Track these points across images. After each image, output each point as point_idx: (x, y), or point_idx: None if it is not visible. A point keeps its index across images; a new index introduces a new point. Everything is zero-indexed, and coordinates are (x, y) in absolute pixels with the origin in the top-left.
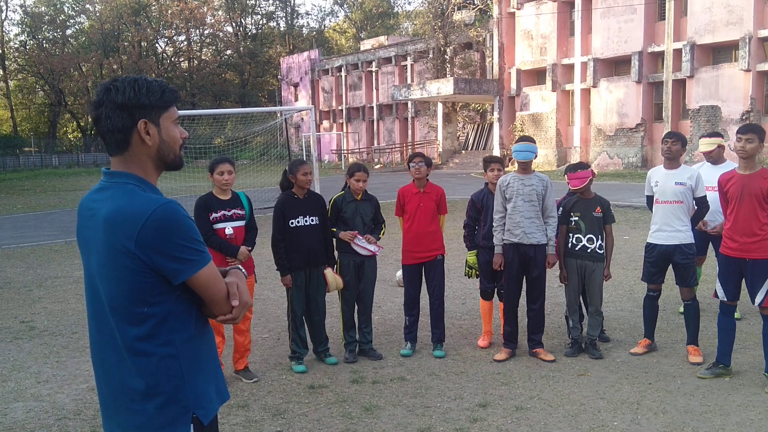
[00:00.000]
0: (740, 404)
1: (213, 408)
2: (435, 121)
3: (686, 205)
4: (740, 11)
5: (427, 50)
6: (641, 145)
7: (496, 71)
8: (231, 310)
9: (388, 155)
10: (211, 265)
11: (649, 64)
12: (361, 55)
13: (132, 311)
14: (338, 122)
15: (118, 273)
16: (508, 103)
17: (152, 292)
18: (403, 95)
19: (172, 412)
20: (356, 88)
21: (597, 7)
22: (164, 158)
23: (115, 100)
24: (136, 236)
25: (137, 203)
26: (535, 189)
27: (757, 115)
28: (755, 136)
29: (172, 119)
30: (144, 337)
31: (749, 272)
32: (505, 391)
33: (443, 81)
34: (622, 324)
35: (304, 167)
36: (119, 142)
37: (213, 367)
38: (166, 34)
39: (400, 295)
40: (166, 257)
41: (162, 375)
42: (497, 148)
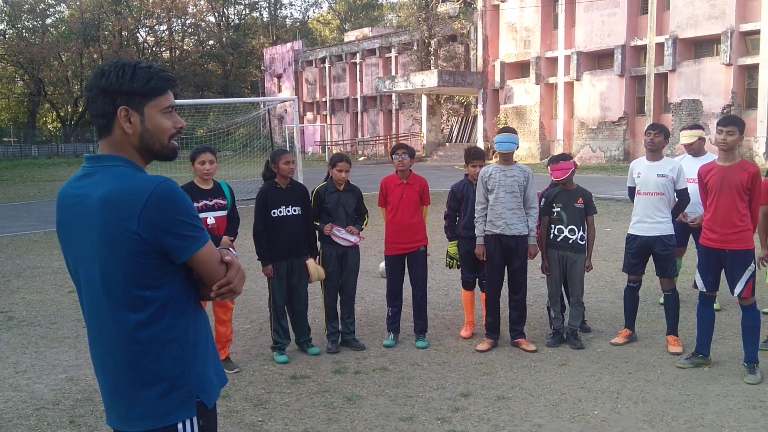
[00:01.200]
0: (719, 394)
1: (215, 392)
2: (419, 114)
3: (668, 197)
4: (722, 5)
5: (412, 42)
6: (623, 138)
7: (480, 64)
8: (225, 274)
9: (372, 147)
10: (210, 244)
11: (631, 58)
12: (345, 46)
13: (133, 296)
14: (322, 114)
15: (117, 256)
16: (492, 96)
17: (154, 274)
18: (387, 87)
19: (176, 398)
20: (340, 80)
21: (580, 1)
22: (149, 148)
23: (99, 85)
24: (138, 216)
25: (135, 182)
26: (517, 180)
27: (738, 109)
28: (736, 128)
29: (161, 108)
30: (146, 323)
31: (728, 263)
32: (487, 380)
33: (427, 73)
34: (603, 315)
35: (285, 156)
36: (103, 126)
37: (211, 350)
38: (147, 23)
39: (382, 286)
40: (170, 235)
41: (165, 360)
42: (481, 140)
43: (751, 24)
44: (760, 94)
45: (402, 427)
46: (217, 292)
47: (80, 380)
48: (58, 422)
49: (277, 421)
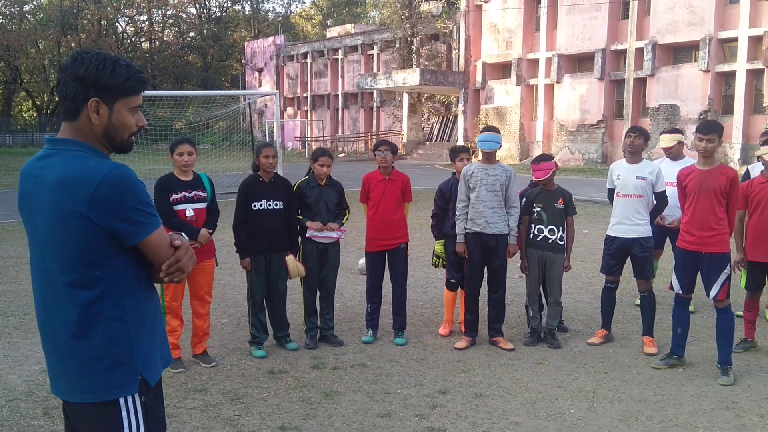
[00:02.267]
0: (693, 394)
1: (158, 370)
2: (400, 112)
3: (646, 199)
4: (702, 12)
5: (394, 40)
6: (602, 141)
7: (462, 64)
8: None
9: (353, 144)
10: (161, 229)
11: (611, 62)
12: (328, 42)
13: (84, 275)
14: (303, 109)
15: (69, 237)
16: (473, 96)
17: (104, 254)
18: (369, 84)
19: (120, 374)
20: (322, 76)
21: (562, 4)
22: (110, 139)
23: (76, 71)
24: (89, 199)
25: (88, 167)
26: (499, 179)
27: (715, 115)
28: (716, 135)
29: (130, 106)
30: (95, 300)
31: (705, 266)
32: (464, 378)
33: (409, 71)
34: (580, 315)
35: (266, 150)
36: (69, 111)
37: (159, 331)
38: (127, 13)
39: (361, 283)
40: (119, 219)
41: (111, 337)
42: (461, 140)
43: (729, 31)
44: (737, 100)
45: (380, 423)
46: (166, 272)
47: None
48: (31, 413)
49: (254, 415)
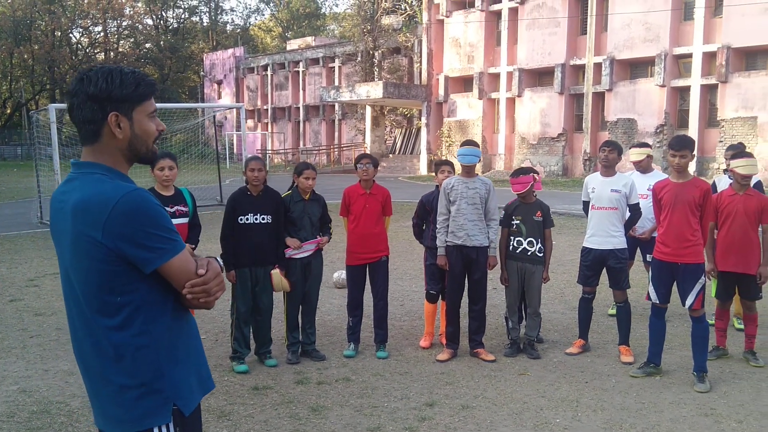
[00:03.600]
0: (672, 401)
1: (194, 398)
2: (363, 124)
3: (620, 211)
4: (657, 29)
5: (356, 53)
6: (562, 154)
7: (424, 77)
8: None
9: (315, 157)
10: (183, 254)
11: (571, 77)
12: (288, 54)
13: (104, 301)
14: (263, 122)
15: (87, 263)
16: (436, 109)
17: (123, 280)
18: (331, 97)
19: (151, 402)
20: (282, 88)
21: (523, 19)
22: (136, 151)
23: (86, 91)
24: (102, 225)
25: (104, 191)
26: (479, 192)
27: (671, 129)
28: (688, 151)
29: (147, 112)
30: (118, 328)
31: (680, 276)
32: (450, 390)
33: (372, 84)
34: (556, 325)
35: (252, 163)
36: (90, 133)
37: (194, 357)
38: (82, 24)
39: (338, 297)
40: (134, 246)
41: (139, 365)
42: (424, 153)
43: (683, 48)
44: (691, 114)
45: None
46: (190, 290)
47: (33, 392)
48: None
49: None
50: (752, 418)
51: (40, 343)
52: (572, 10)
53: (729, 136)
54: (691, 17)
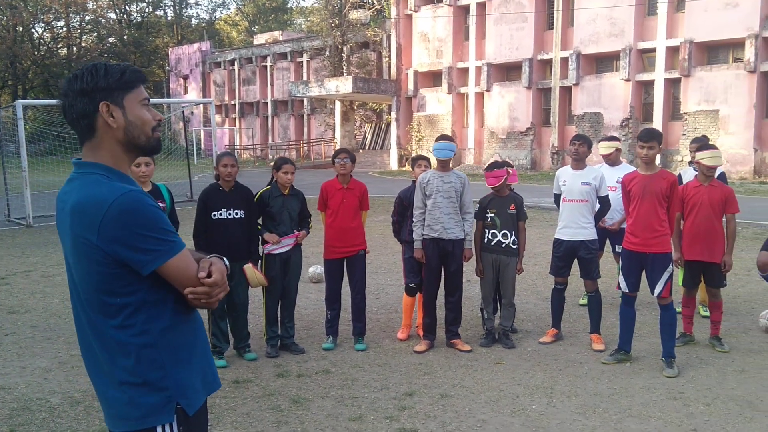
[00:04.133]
0: (642, 387)
1: (198, 398)
2: (332, 119)
3: (591, 203)
4: (622, 24)
5: (324, 48)
6: (531, 147)
7: (393, 72)
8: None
9: (285, 152)
10: (182, 255)
11: (538, 71)
12: (256, 49)
13: (104, 302)
14: (231, 117)
15: (86, 265)
16: (406, 104)
17: (121, 282)
18: (300, 92)
19: (154, 401)
20: (250, 83)
21: (490, 14)
22: (134, 141)
23: (75, 88)
24: (97, 228)
25: (99, 193)
26: (454, 186)
27: (636, 123)
28: (656, 142)
29: (139, 100)
30: (119, 327)
31: (649, 265)
32: (428, 380)
33: (342, 79)
34: (529, 315)
35: (224, 159)
36: (85, 128)
37: (199, 356)
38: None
39: (314, 291)
40: (129, 248)
41: (142, 365)
42: (394, 147)
43: (647, 42)
44: (656, 108)
45: (352, 427)
46: (192, 292)
47: (12, 389)
48: None
49: (225, 425)
50: (719, 401)
51: (16, 341)
52: (539, 6)
53: (692, 128)
54: (654, 12)
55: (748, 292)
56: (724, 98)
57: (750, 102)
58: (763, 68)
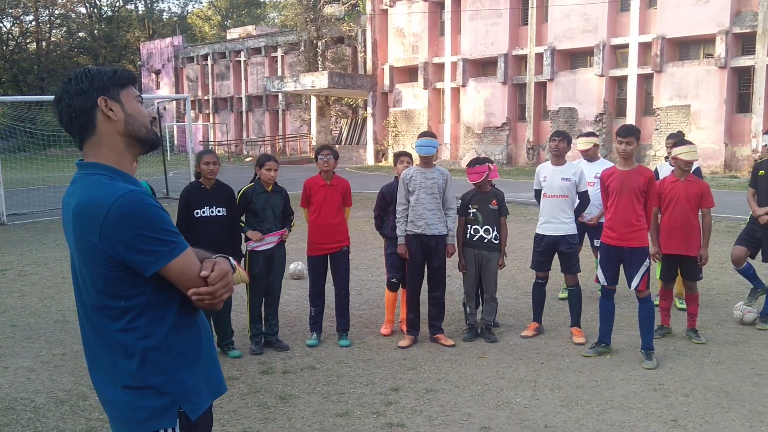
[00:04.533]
0: (623, 378)
1: (202, 403)
2: (307, 115)
3: (571, 199)
4: (595, 20)
5: (299, 42)
6: (507, 143)
7: (369, 67)
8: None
9: (260, 148)
10: (184, 255)
11: (513, 67)
12: (229, 44)
13: (107, 305)
14: (204, 112)
15: (90, 268)
16: (382, 99)
17: (125, 285)
18: (276, 87)
19: (156, 405)
20: (224, 78)
21: (465, 10)
22: (135, 134)
23: (70, 90)
24: (99, 230)
25: (100, 194)
26: (437, 182)
27: (609, 118)
28: (634, 138)
29: (133, 96)
30: (123, 330)
31: (627, 259)
32: (413, 375)
33: (318, 74)
34: (510, 310)
35: (206, 156)
36: (84, 125)
37: (204, 360)
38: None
39: (296, 287)
40: (131, 249)
41: (146, 368)
42: (371, 143)
43: (620, 38)
44: (629, 103)
45: (339, 423)
46: (195, 293)
47: None
48: None
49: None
50: (697, 391)
51: None
52: (513, 2)
53: (664, 123)
54: (627, 8)
55: (722, 285)
56: (695, 93)
57: (721, 97)
58: (733, 64)
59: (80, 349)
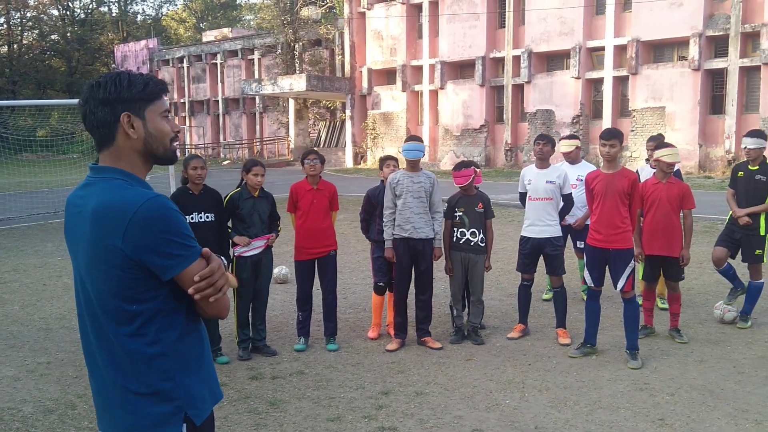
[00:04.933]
0: (609, 378)
1: (206, 408)
2: (285, 117)
3: (555, 201)
4: (572, 23)
5: (276, 45)
6: (485, 145)
7: (347, 69)
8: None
9: (238, 151)
10: (200, 261)
11: (491, 69)
12: (205, 46)
13: (121, 309)
14: (180, 116)
15: (105, 270)
16: (360, 102)
17: (140, 289)
18: (253, 90)
19: (163, 411)
20: (200, 81)
21: (443, 13)
22: (153, 152)
23: (97, 96)
24: (123, 232)
25: (125, 197)
26: (423, 186)
27: (586, 120)
28: (617, 141)
29: (160, 111)
30: (132, 335)
31: (612, 261)
32: (402, 378)
33: (296, 77)
34: (495, 312)
35: (193, 162)
36: (104, 136)
37: (205, 367)
38: None
39: (281, 292)
40: (154, 253)
41: (153, 374)
42: (349, 145)
43: (596, 41)
44: (605, 105)
45: (331, 428)
46: (196, 287)
47: None
48: None
49: None
50: (683, 390)
51: None
52: (491, 5)
53: (640, 125)
54: (602, 12)
55: (702, 284)
56: (670, 95)
57: (695, 99)
58: (706, 66)
59: (65, 357)
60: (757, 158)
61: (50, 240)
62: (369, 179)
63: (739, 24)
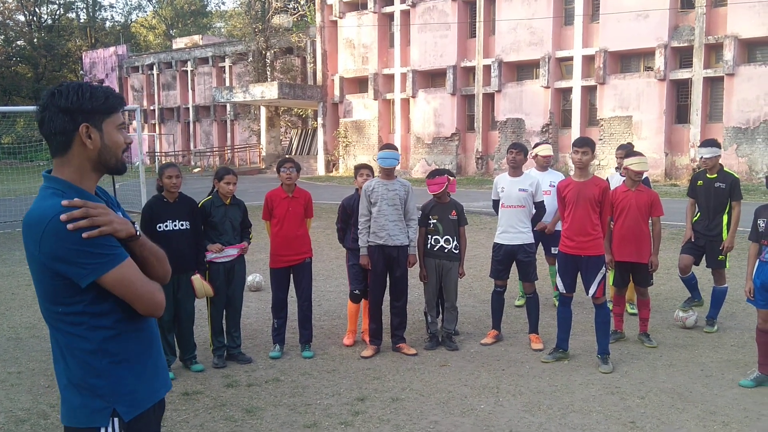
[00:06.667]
0: (581, 383)
1: (138, 405)
2: (257, 125)
3: (528, 209)
4: (541, 33)
5: (247, 53)
6: (456, 153)
7: (319, 77)
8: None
9: (209, 159)
10: (123, 266)
11: (462, 78)
12: (175, 53)
13: (51, 310)
14: (150, 123)
15: (35, 275)
16: (332, 110)
17: (64, 293)
18: (224, 97)
19: (92, 406)
20: (170, 88)
21: (414, 23)
22: (105, 162)
23: (58, 104)
24: (39, 242)
25: (43, 208)
26: (398, 194)
27: (555, 128)
28: (589, 149)
29: (116, 124)
30: (65, 334)
31: (584, 267)
32: (378, 384)
33: (267, 85)
34: (468, 318)
35: (168, 170)
36: (60, 144)
37: (149, 366)
38: None
39: (255, 300)
40: (65, 263)
41: (83, 370)
42: (321, 153)
43: (565, 51)
44: (574, 114)
45: None
46: (70, 214)
47: None
48: None
49: None
50: (652, 393)
51: None
52: (461, 15)
53: (608, 134)
54: (571, 23)
55: (669, 290)
56: (636, 105)
57: (661, 108)
58: (672, 76)
59: (36, 366)
60: (714, 166)
61: (18, 248)
62: (341, 187)
63: (703, 36)
